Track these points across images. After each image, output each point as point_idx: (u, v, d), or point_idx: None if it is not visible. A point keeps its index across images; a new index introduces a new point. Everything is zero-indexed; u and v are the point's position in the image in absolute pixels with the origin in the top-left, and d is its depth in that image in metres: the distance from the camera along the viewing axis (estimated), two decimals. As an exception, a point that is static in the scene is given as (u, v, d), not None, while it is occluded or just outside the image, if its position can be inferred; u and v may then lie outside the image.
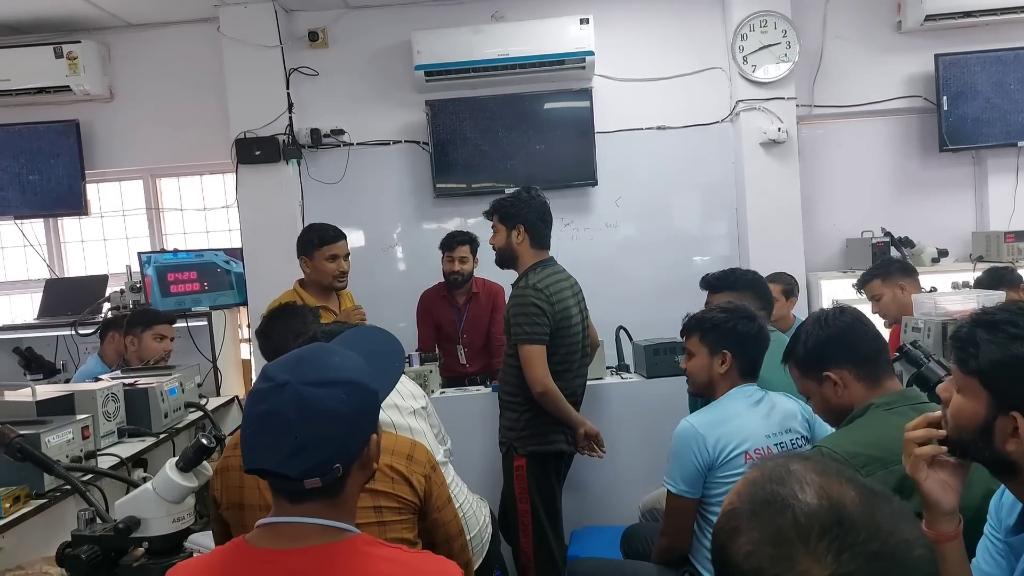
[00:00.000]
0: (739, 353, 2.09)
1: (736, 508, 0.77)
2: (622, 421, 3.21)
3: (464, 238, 3.79)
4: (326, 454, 1.05)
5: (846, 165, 4.50)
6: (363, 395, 1.09)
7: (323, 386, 1.05)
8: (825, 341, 1.70)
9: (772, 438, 2.00)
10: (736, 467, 1.94)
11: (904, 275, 3.15)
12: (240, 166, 4.25)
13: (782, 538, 0.71)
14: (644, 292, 4.31)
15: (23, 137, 4.45)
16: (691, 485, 1.99)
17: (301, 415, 1.03)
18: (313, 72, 4.37)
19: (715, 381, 2.13)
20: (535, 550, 2.72)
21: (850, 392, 1.67)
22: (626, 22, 4.40)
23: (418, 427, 2.11)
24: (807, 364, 1.73)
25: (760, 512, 0.74)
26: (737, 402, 2.07)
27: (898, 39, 4.40)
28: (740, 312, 2.13)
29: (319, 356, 1.12)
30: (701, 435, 1.97)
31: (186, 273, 4.13)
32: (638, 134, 4.43)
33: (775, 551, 0.71)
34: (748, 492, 0.77)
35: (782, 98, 4.23)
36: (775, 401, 2.11)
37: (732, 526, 0.76)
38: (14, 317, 4.38)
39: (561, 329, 2.70)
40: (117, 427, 2.19)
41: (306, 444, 1.04)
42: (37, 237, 4.73)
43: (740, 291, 2.63)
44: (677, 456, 2.01)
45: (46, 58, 4.22)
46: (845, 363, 1.67)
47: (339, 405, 1.05)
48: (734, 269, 2.83)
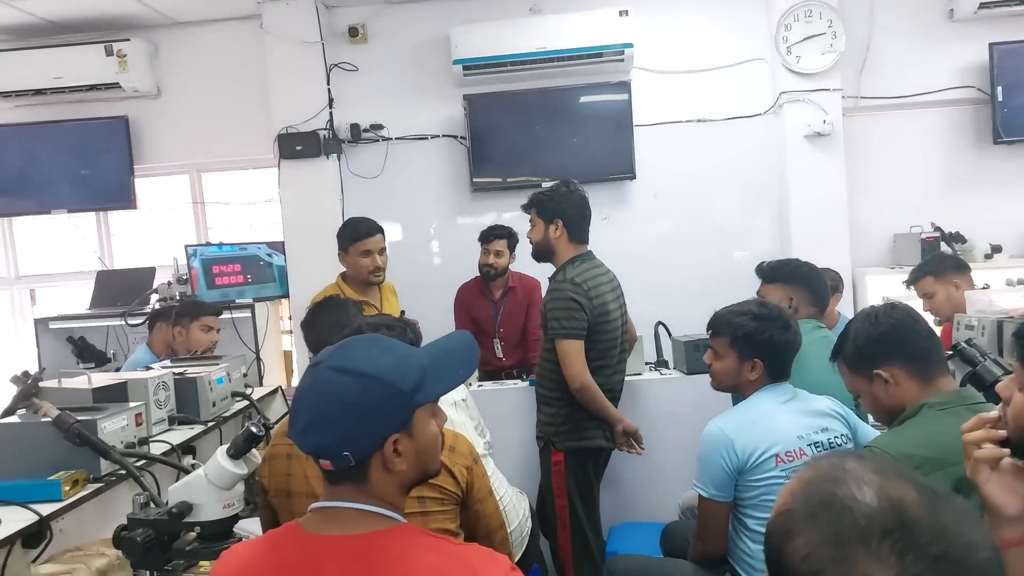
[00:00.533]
0: (771, 360, 2.03)
1: (791, 509, 0.76)
2: (661, 417, 3.18)
3: (502, 232, 3.80)
4: (331, 438, 1.08)
5: (894, 158, 4.38)
6: (381, 390, 1.08)
7: (343, 373, 1.08)
8: (875, 338, 1.67)
9: (804, 439, 1.94)
10: (767, 470, 1.90)
11: (957, 272, 3.05)
12: (282, 161, 4.32)
13: (842, 540, 0.70)
14: (683, 287, 4.26)
15: (75, 133, 4.59)
16: (721, 489, 1.94)
17: (316, 395, 1.09)
18: (353, 67, 4.41)
19: (743, 385, 2.08)
20: (573, 546, 2.71)
21: (902, 390, 1.63)
22: (666, 13, 4.35)
23: (459, 419, 2.13)
24: (857, 362, 1.70)
25: (817, 513, 0.73)
26: (766, 402, 2.01)
27: (950, 27, 4.27)
28: (776, 321, 2.04)
29: (359, 345, 1.15)
30: (729, 439, 1.92)
31: (230, 266, 4.22)
32: (678, 127, 4.38)
33: (835, 553, 0.70)
34: (803, 492, 0.76)
35: (827, 89, 4.14)
36: (806, 400, 2.05)
37: (787, 528, 0.74)
38: (68, 307, 4.52)
39: (599, 324, 2.67)
40: (167, 415, 2.25)
41: (313, 422, 1.08)
42: (87, 230, 4.87)
43: (793, 285, 2.57)
44: (705, 460, 1.96)
45: (97, 56, 4.35)
46: (896, 360, 1.63)
47: (351, 394, 1.07)
48: (790, 261, 2.71)
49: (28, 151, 4.59)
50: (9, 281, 5.01)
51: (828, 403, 2.08)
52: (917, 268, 3.17)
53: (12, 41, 4.56)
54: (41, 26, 4.43)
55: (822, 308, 2.63)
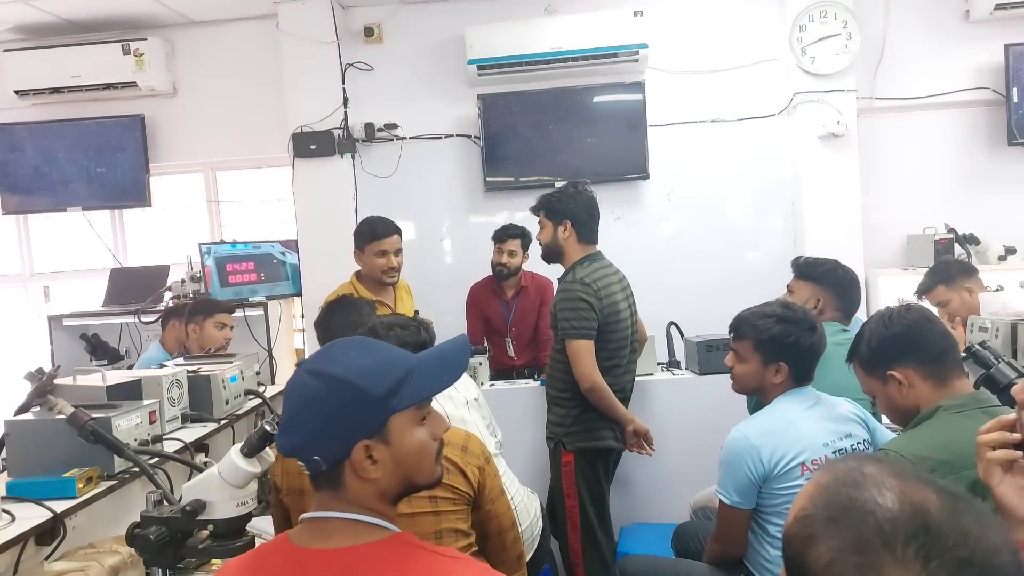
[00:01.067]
0: (796, 364, 2.00)
1: (810, 514, 0.75)
2: (673, 418, 3.18)
3: (516, 232, 3.80)
4: (300, 439, 1.08)
5: (908, 159, 4.35)
6: (347, 394, 1.05)
7: (315, 375, 1.08)
8: (889, 339, 1.66)
9: (829, 446, 1.92)
10: (793, 478, 1.87)
11: (966, 276, 3.02)
12: (296, 160, 4.34)
13: (866, 546, 0.69)
14: (695, 287, 4.25)
15: (91, 131, 4.62)
16: (744, 496, 1.92)
17: (289, 396, 1.11)
18: (368, 67, 4.43)
19: (766, 388, 2.05)
20: (583, 546, 2.71)
21: (916, 392, 1.62)
22: (680, 14, 4.33)
23: (470, 418, 2.13)
24: (871, 363, 1.69)
25: (838, 518, 0.72)
26: (791, 408, 1.98)
27: (965, 28, 4.24)
28: (802, 323, 2.00)
29: (338, 348, 1.14)
30: (755, 447, 1.89)
31: (244, 264, 4.23)
32: (691, 127, 4.37)
33: (859, 559, 0.69)
34: (822, 497, 0.75)
35: (842, 90, 4.11)
36: (830, 405, 2.02)
37: (808, 533, 0.74)
38: (81, 304, 4.55)
39: (609, 324, 2.67)
40: (181, 412, 2.27)
41: (287, 424, 1.10)
42: (102, 227, 4.91)
43: (823, 286, 2.53)
44: (729, 467, 1.93)
45: (114, 55, 4.38)
46: (910, 362, 1.62)
47: (317, 397, 1.06)
48: (828, 261, 2.61)
49: (45, 149, 4.64)
50: (24, 278, 5.05)
51: (849, 406, 2.07)
52: (926, 278, 3.12)
53: (31, 40, 4.60)
54: (59, 25, 4.47)
55: (848, 314, 2.59)
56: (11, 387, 3.29)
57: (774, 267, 4.05)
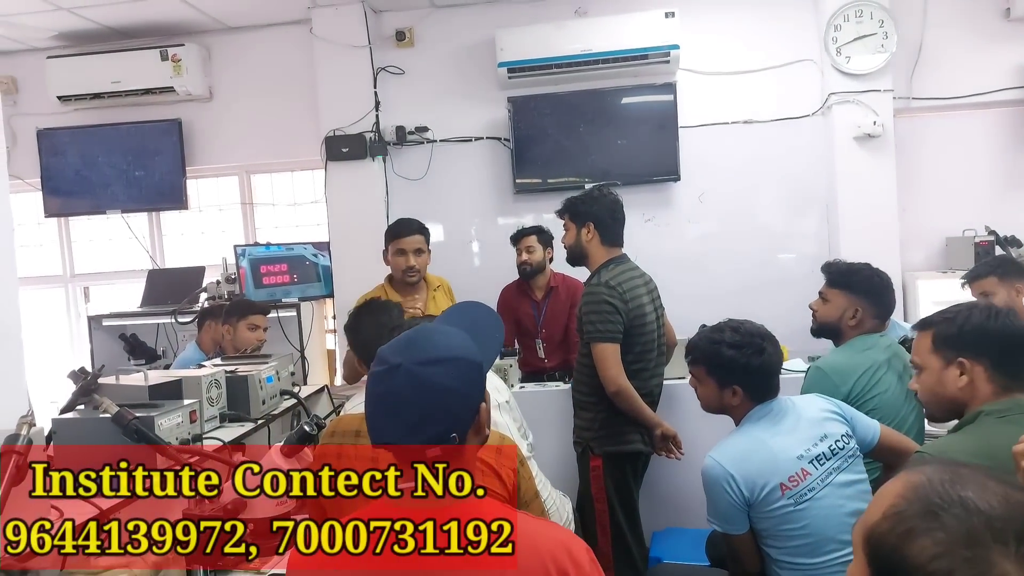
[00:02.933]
0: (750, 386, 2.01)
1: (904, 510, 0.75)
2: (703, 421, 3.13)
3: (529, 230, 3.86)
4: (442, 426, 1.12)
5: (947, 160, 4.27)
6: (469, 369, 1.15)
7: (432, 364, 1.12)
8: (984, 331, 1.61)
9: (804, 457, 1.90)
10: (774, 501, 1.86)
11: (1022, 278, 2.96)
12: (329, 163, 4.40)
13: (976, 540, 0.69)
14: (727, 290, 4.22)
15: (130, 135, 4.73)
16: (734, 523, 1.92)
17: (415, 392, 1.11)
18: (399, 71, 4.47)
19: (728, 410, 2.06)
20: (614, 551, 2.71)
21: (972, 389, 1.61)
22: (712, 14, 4.30)
23: (502, 421, 2.14)
24: (948, 341, 1.65)
25: (940, 514, 0.72)
26: (759, 428, 1.98)
27: (1006, 26, 4.14)
28: (751, 346, 2.00)
29: (425, 336, 1.18)
30: (730, 474, 1.88)
31: (277, 265, 4.30)
32: (723, 128, 4.33)
33: (970, 553, 0.69)
34: (917, 494, 0.75)
35: (878, 90, 4.05)
36: (800, 411, 2.01)
37: (905, 528, 0.74)
38: (120, 305, 4.65)
39: (635, 327, 2.67)
40: (219, 412, 2.31)
41: (423, 418, 1.12)
42: (140, 230, 5.01)
43: (860, 296, 2.46)
44: (711, 496, 1.93)
45: (153, 61, 4.48)
46: (986, 360, 1.60)
47: (449, 380, 1.12)
48: (864, 268, 2.53)
49: (85, 153, 4.75)
50: (65, 279, 5.18)
51: (821, 403, 2.05)
52: (982, 265, 3.04)
53: (73, 47, 4.72)
54: (100, 32, 4.58)
55: (884, 319, 2.55)
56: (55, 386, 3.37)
57: (807, 270, 3.99)
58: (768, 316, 2.53)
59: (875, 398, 2.32)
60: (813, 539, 1.87)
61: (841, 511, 1.89)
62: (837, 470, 1.92)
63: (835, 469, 1.92)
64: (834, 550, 1.86)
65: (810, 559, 1.87)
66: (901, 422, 2.27)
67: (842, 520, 1.88)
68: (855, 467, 1.97)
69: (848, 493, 1.92)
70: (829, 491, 1.89)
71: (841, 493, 1.90)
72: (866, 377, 2.34)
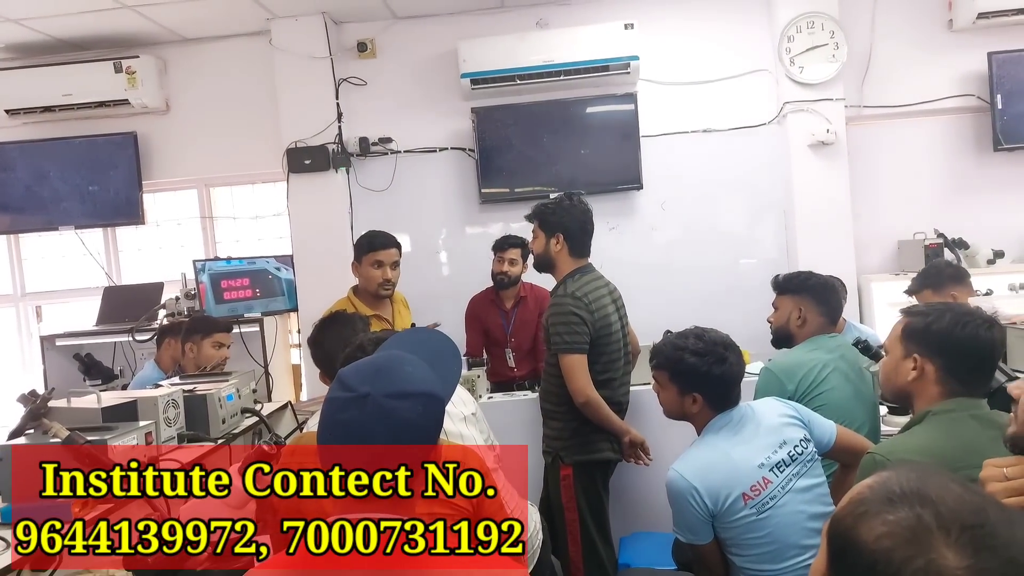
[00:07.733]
0: (710, 394, 2.03)
1: (867, 497, 0.78)
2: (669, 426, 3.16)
3: (517, 241, 3.83)
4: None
5: (897, 166, 4.39)
6: (434, 404, 1.13)
7: (400, 398, 1.09)
8: (949, 335, 1.62)
9: (765, 466, 1.92)
10: (737, 511, 1.89)
11: (955, 283, 3.06)
12: (291, 175, 4.35)
13: (922, 526, 0.72)
14: (690, 296, 4.28)
15: (84, 149, 4.62)
16: (698, 533, 1.94)
17: (384, 426, 1.07)
18: (362, 82, 4.45)
19: (688, 416, 2.09)
20: (584, 559, 2.71)
21: (921, 385, 1.65)
22: (670, 26, 4.38)
23: (468, 434, 2.13)
24: (914, 335, 1.68)
25: (898, 501, 0.75)
26: (720, 438, 2.00)
27: (949, 37, 4.29)
28: (713, 355, 2.02)
29: (395, 367, 1.15)
30: (693, 486, 1.89)
31: (239, 280, 4.23)
32: (684, 137, 4.40)
33: (911, 535, 0.72)
34: (883, 485, 0.78)
35: (830, 99, 4.15)
36: (759, 418, 2.03)
37: (862, 511, 0.77)
38: (74, 324, 4.53)
39: (601, 337, 2.68)
40: (177, 433, 2.25)
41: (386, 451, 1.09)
42: (95, 246, 4.89)
43: (801, 296, 2.59)
44: (676, 508, 1.95)
45: (106, 73, 4.38)
46: (940, 360, 1.63)
47: (415, 416, 1.09)
48: (800, 273, 2.72)
49: (36, 168, 4.62)
50: (15, 298, 5.02)
51: (779, 408, 2.08)
52: (916, 280, 3.17)
53: (21, 59, 4.61)
54: (50, 44, 4.48)
55: (833, 319, 2.64)
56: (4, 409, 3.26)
57: (768, 275, 4.00)
58: (730, 320, 2.59)
59: (821, 395, 2.39)
60: (776, 546, 1.89)
61: (802, 516, 1.92)
62: (797, 475, 1.96)
63: (795, 475, 1.95)
64: (795, 555, 1.89)
65: (773, 565, 1.90)
66: (852, 423, 2.32)
67: (803, 526, 1.91)
68: (814, 471, 2.00)
69: (807, 498, 1.95)
70: (790, 497, 1.92)
71: (801, 498, 1.93)
72: (811, 375, 2.42)
